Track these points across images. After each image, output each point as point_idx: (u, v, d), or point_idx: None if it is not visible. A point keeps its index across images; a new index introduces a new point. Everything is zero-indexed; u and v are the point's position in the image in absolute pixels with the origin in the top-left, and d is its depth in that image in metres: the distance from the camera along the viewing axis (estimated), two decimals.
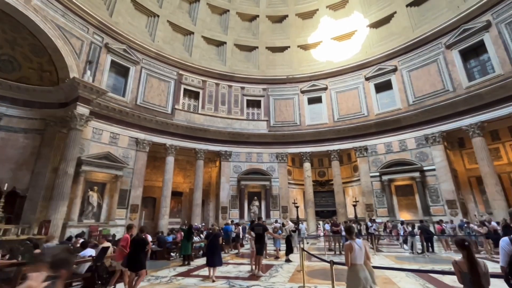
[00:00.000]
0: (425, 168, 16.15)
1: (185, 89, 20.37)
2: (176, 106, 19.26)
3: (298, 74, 22.10)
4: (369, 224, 11.96)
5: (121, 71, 17.15)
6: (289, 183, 20.80)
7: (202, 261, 8.79)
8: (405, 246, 10.44)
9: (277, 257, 8.65)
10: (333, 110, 20.68)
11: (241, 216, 18.69)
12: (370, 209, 17.75)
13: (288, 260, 8.05)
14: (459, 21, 15.92)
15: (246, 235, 11.37)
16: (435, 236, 11.04)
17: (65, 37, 13.78)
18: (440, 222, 12.50)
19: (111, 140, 15.52)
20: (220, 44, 22.61)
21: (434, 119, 16.24)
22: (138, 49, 17.95)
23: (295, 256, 8.52)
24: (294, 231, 8.99)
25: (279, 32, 23.28)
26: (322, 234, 15.38)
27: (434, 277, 5.66)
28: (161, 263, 8.61)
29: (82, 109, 13.08)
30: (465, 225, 9.97)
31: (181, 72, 20.20)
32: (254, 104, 22.34)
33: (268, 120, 21.48)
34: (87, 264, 5.73)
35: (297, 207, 20.49)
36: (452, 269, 2.73)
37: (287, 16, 23.00)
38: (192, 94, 20.93)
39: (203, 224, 17.77)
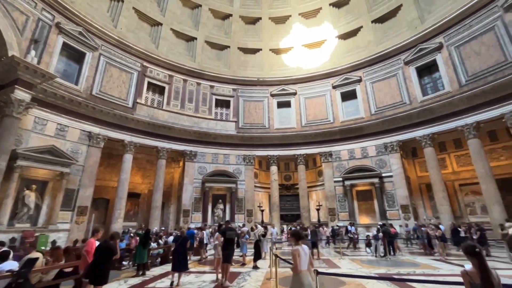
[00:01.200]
0: (383, 175, 17.13)
1: (149, 83, 18.95)
2: (138, 100, 17.77)
3: (269, 78, 22.10)
4: (349, 228, 12.11)
5: (74, 56, 15.27)
6: (255, 186, 20.50)
7: (160, 270, 7.93)
8: (367, 249, 10.79)
9: (243, 264, 8.15)
10: (301, 115, 21.01)
11: (204, 219, 17.80)
12: (333, 213, 18.24)
13: (255, 267, 7.59)
14: (416, 41, 17.35)
15: (212, 240, 10.64)
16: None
17: (5, 9, 11.78)
18: (391, 226, 13.19)
19: (58, 133, 13.58)
20: (190, 39, 21.63)
21: (392, 129, 17.37)
22: (97, 34, 16.21)
23: (262, 263, 8.14)
24: (263, 236, 8.60)
25: (251, 34, 23.10)
26: (276, 237, 15.34)
27: (396, 278, 5.70)
28: (110, 274, 7.48)
29: (21, 94, 11.19)
30: (418, 228, 10.63)
31: (145, 64, 18.78)
32: (223, 104, 21.72)
33: (236, 121, 21.01)
34: (6, 281, 4.47)
35: (262, 210, 20.25)
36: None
37: (260, 18, 22.96)
38: (157, 89, 19.57)
39: (163, 228, 16.49)
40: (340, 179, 18.47)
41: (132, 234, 10.57)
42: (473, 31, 14.82)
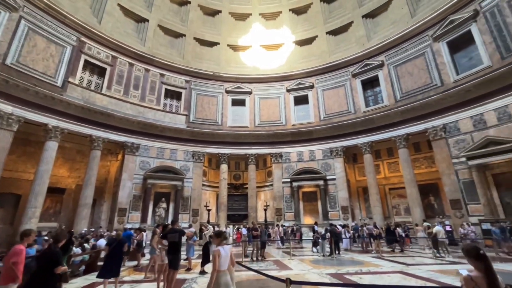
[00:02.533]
0: (328, 177, 18.18)
1: (87, 61, 16.40)
2: (71, 79, 15.16)
3: (225, 73, 21.45)
4: (316, 228, 12.18)
5: None
6: (203, 184, 19.57)
7: (83, 280, 6.60)
8: (313, 249, 11.14)
9: (189, 269, 7.38)
10: (255, 115, 20.93)
11: (144, 219, 16.12)
12: (279, 213, 18.56)
13: (203, 272, 6.88)
14: (363, 56, 18.98)
15: (151, 243, 9.43)
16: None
17: None
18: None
19: None
20: (141, 20, 19.55)
21: (338, 135, 18.59)
22: None
23: (211, 267, 7.47)
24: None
25: (210, 26, 22.14)
26: (231, 238, 14.93)
27: (348, 278, 5.84)
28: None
29: None
30: (360, 227, 11.48)
31: (83, 39, 16.18)
32: (173, 95, 20.19)
33: (187, 115, 19.75)
34: None
35: (209, 210, 19.42)
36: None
37: (220, 11, 22.18)
38: (96, 70, 17.08)
39: (93, 229, 14.27)
40: (289, 180, 18.94)
41: (46, 238, 8.68)
42: (408, 54, 16.86)
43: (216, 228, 9.41)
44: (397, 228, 11.65)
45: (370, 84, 18.87)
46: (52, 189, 14.84)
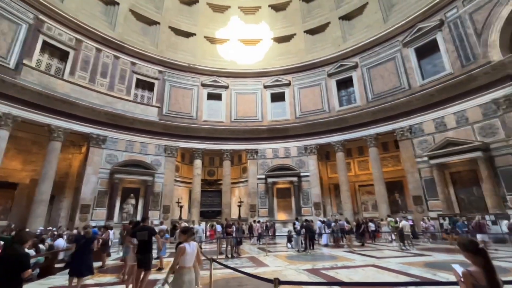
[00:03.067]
0: (302, 174, 18.50)
1: (46, 43, 14.84)
2: (26, 61, 13.60)
3: (201, 66, 20.77)
4: (296, 224, 12.11)
5: None
6: (175, 180, 18.85)
7: (38, 286, 5.91)
8: (288, 244, 11.23)
9: (160, 268, 6.98)
10: (231, 110, 20.59)
11: (110, 217, 15.09)
12: (253, 210, 18.52)
13: None
14: (338, 57, 19.52)
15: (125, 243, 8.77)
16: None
17: None
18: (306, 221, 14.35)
19: None
20: (110, 2, 18.17)
21: (313, 133, 18.97)
22: None
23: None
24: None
25: (186, 15, 21.25)
26: (203, 235, 14.55)
27: (325, 273, 5.90)
28: None
29: None
30: (334, 223, 11.84)
31: (42, 17, 14.60)
32: (145, 85, 19.11)
33: (160, 107, 18.81)
34: None
35: (181, 206, 18.79)
36: None
37: (197, 1, 21.40)
38: (57, 53, 15.55)
39: (51, 228, 12.97)
40: (263, 176, 18.97)
41: None
42: (380, 58, 17.66)
43: (180, 225, 9.03)
44: (370, 223, 12.19)
45: (344, 84, 19.48)
46: (2, 184, 13.28)
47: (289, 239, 11.11)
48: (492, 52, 12.59)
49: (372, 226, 12.10)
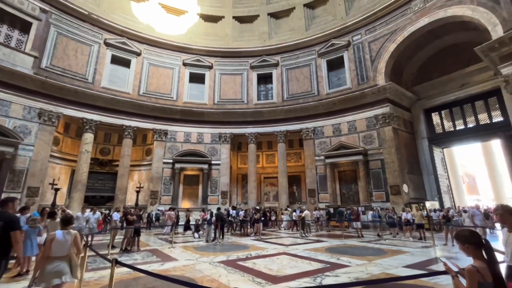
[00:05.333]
0: (213, 162, 17.98)
1: None
2: None
3: (108, 20, 16.93)
4: (231, 212, 10.82)
5: None
6: (51, 155, 14.70)
7: None
8: (195, 234, 10.44)
9: (20, 274, 4.91)
10: (140, 82, 17.77)
11: None
12: (155, 196, 16.70)
13: None
14: (262, 51, 19.92)
15: None
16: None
17: None
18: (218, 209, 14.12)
19: None
20: None
21: (229, 122, 18.74)
22: None
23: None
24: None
25: None
26: (87, 226, 11.87)
27: (242, 265, 5.59)
28: None
29: None
30: (243, 212, 11.95)
31: None
32: (16, 22, 13.92)
33: (39, 58, 14.14)
34: None
35: (56, 190, 14.87)
36: None
37: None
38: None
39: None
40: (171, 161, 17.37)
41: None
42: (298, 62, 19.12)
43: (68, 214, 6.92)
44: (272, 212, 12.96)
45: (265, 79, 20.11)
46: None
47: (197, 229, 10.43)
48: (379, 78, 15.63)
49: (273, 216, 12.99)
